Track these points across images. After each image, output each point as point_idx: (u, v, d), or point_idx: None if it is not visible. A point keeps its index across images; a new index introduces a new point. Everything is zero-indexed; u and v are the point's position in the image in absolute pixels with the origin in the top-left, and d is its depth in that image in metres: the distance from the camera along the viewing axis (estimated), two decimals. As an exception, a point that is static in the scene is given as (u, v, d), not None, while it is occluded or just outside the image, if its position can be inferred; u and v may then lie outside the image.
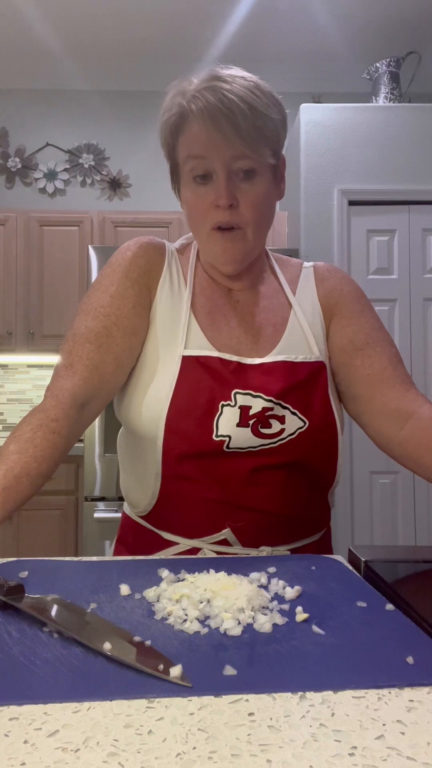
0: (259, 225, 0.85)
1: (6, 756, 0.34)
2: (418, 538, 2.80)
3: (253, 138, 0.79)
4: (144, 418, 0.84)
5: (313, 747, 0.35)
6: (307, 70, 3.39)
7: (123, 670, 0.44)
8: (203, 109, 0.78)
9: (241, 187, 0.82)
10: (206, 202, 0.83)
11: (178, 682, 0.42)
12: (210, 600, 0.55)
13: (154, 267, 0.89)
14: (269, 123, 0.81)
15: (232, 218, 0.82)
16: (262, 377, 0.85)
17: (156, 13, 2.93)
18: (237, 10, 2.91)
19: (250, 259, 0.89)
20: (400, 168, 2.84)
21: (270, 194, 0.86)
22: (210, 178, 0.82)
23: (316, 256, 2.83)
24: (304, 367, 0.88)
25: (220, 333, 0.88)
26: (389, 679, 0.43)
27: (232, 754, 0.34)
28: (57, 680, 0.42)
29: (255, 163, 0.81)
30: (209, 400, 0.83)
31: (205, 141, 0.80)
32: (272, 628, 0.51)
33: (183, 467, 0.83)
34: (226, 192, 0.81)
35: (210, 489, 0.84)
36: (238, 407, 0.83)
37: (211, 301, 0.91)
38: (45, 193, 3.58)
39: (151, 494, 0.87)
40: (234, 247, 0.85)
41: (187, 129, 0.82)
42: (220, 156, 0.80)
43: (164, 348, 0.86)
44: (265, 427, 0.84)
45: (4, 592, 0.54)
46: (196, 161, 0.82)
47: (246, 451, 0.83)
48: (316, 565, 0.71)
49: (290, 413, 0.84)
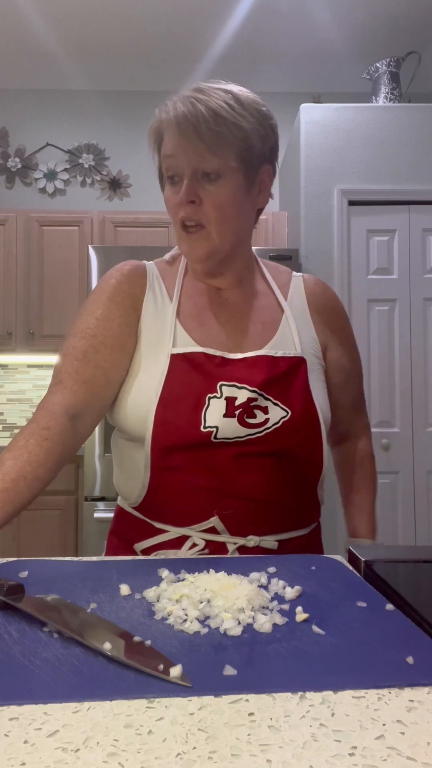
0: (222, 225, 0.88)
1: (6, 756, 0.34)
2: (418, 538, 2.80)
3: (213, 142, 0.84)
4: (134, 416, 0.88)
5: (313, 747, 0.35)
6: (307, 70, 3.39)
7: (123, 670, 0.44)
8: (172, 118, 0.86)
9: (205, 187, 0.87)
10: (175, 200, 0.88)
11: (178, 682, 0.42)
12: (210, 600, 0.55)
13: (137, 290, 0.95)
14: (234, 130, 0.86)
15: (194, 215, 0.87)
16: (245, 370, 0.90)
17: (156, 13, 2.93)
18: (237, 11, 2.91)
19: (217, 258, 0.92)
20: (400, 168, 2.84)
21: (237, 198, 0.90)
22: (180, 178, 0.88)
23: (316, 256, 2.83)
24: (284, 362, 0.93)
25: (209, 331, 0.93)
26: (389, 679, 0.43)
27: (232, 754, 0.34)
28: (57, 680, 0.42)
29: (218, 166, 0.86)
30: (197, 393, 0.87)
31: (175, 144, 0.87)
32: (272, 628, 0.51)
33: (172, 459, 0.87)
34: (186, 189, 0.86)
35: (198, 477, 0.87)
36: (224, 398, 0.87)
37: (198, 305, 0.96)
38: (45, 193, 3.58)
39: (141, 485, 0.90)
40: (198, 246, 0.89)
41: (166, 135, 0.89)
42: (185, 157, 0.86)
43: (151, 353, 0.91)
44: (251, 417, 0.88)
45: (4, 592, 0.54)
46: (168, 161, 0.88)
47: (232, 441, 0.87)
48: (316, 565, 0.71)
49: (272, 404, 0.89)
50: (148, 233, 3.11)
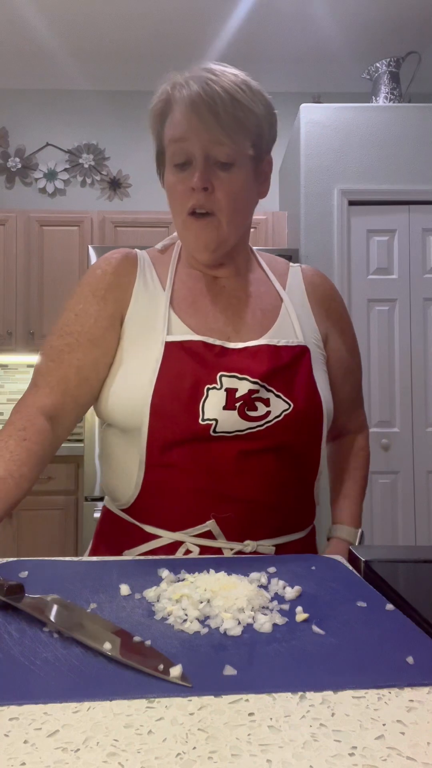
0: (233, 214, 0.86)
1: (6, 756, 0.34)
2: (418, 538, 2.80)
3: (231, 127, 0.81)
4: (127, 407, 0.84)
5: (313, 747, 0.35)
6: (307, 70, 3.39)
7: (123, 670, 0.44)
8: (186, 97, 0.81)
9: (218, 175, 0.83)
10: (184, 186, 0.84)
11: (178, 682, 0.42)
12: (210, 600, 0.55)
13: (124, 280, 0.90)
14: (251, 116, 0.83)
15: (206, 203, 0.83)
16: (246, 360, 0.86)
17: (156, 14, 2.93)
18: (237, 11, 2.91)
19: (225, 249, 0.89)
20: (400, 168, 2.84)
21: (248, 188, 0.87)
22: (189, 163, 0.84)
23: (316, 256, 2.83)
24: (287, 351, 0.89)
25: (205, 318, 0.89)
26: (389, 679, 0.43)
27: (232, 754, 0.34)
28: (57, 680, 0.42)
29: (233, 152, 0.83)
30: (194, 384, 0.83)
31: (186, 126, 0.82)
32: (272, 628, 0.51)
33: (168, 454, 0.83)
34: (200, 175, 0.82)
35: (195, 477, 0.83)
36: (224, 390, 0.83)
37: (193, 293, 0.92)
38: (45, 193, 3.58)
39: (134, 485, 0.86)
40: (207, 234, 0.85)
41: (171, 115, 0.84)
42: (198, 141, 0.82)
43: (143, 342, 0.86)
44: (251, 410, 0.84)
45: (4, 592, 0.54)
46: (177, 146, 0.83)
47: (233, 436, 0.83)
48: (316, 565, 0.70)
49: (274, 396, 0.85)
50: (148, 233, 3.11)
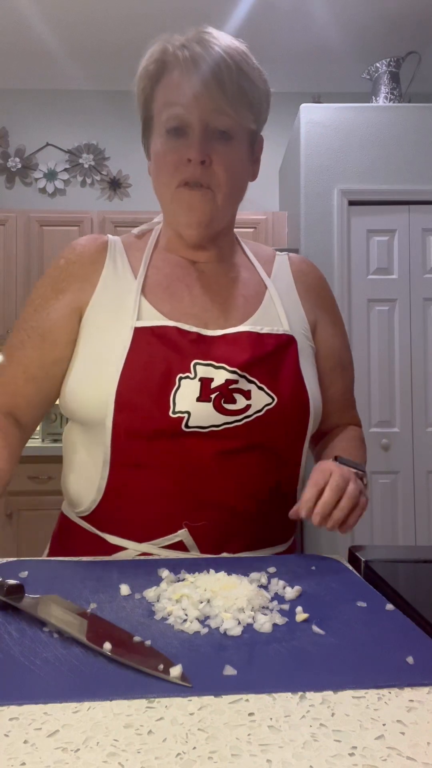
0: (230, 191, 0.80)
1: (6, 756, 0.34)
2: (418, 538, 2.80)
3: (236, 96, 0.75)
4: (90, 398, 0.77)
5: (313, 747, 0.35)
6: (307, 70, 3.39)
7: (123, 670, 0.44)
8: (188, 58, 0.74)
9: (216, 147, 0.77)
10: (177, 156, 0.77)
11: (178, 682, 0.42)
12: (210, 600, 0.55)
13: (88, 269, 0.84)
14: (254, 89, 0.78)
15: (202, 176, 0.77)
16: (225, 347, 0.79)
17: (156, 13, 2.93)
18: (237, 11, 2.91)
19: (216, 228, 0.83)
20: (400, 168, 2.84)
21: (244, 164, 0.82)
22: (184, 131, 0.77)
23: (316, 256, 2.82)
24: (271, 339, 0.81)
25: (180, 304, 0.82)
26: (389, 679, 0.43)
27: (232, 754, 0.34)
28: (57, 680, 0.42)
29: (234, 124, 0.77)
30: (165, 372, 0.75)
31: (186, 90, 0.75)
32: (272, 628, 0.51)
33: (135, 451, 0.76)
34: (199, 146, 0.76)
35: (166, 478, 0.76)
36: (198, 379, 0.76)
37: (169, 278, 0.85)
38: (45, 193, 3.58)
39: (97, 487, 0.79)
40: (201, 207, 0.79)
41: (168, 77, 0.77)
42: (198, 107, 0.75)
43: (110, 329, 0.79)
44: (229, 403, 0.76)
45: (4, 592, 0.54)
46: (172, 110, 0.77)
47: (208, 431, 0.75)
48: (317, 565, 0.70)
49: (257, 388, 0.77)
50: (148, 233, 3.11)
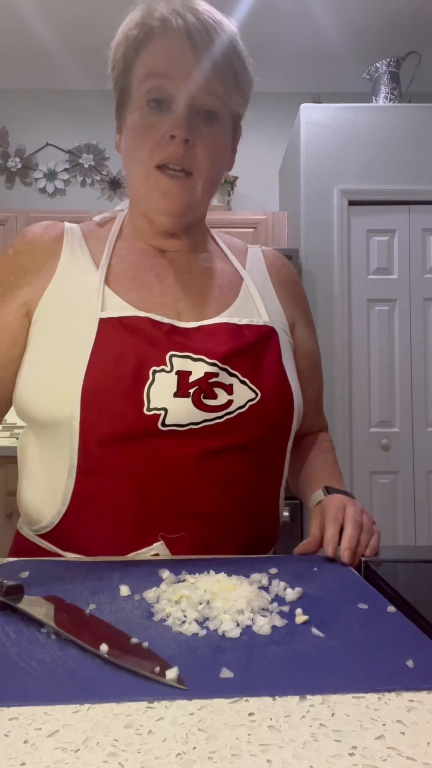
0: (210, 179, 0.74)
1: (6, 756, 0.34)
2: (418, 538, 2.80)
3: (227, 76, 0.70)
4: (52, 397, 0.69)
5: (313, 747, 0.35)
6: (307, 70, 3.39)
7: (119, 673, 0.44)
8: (182, 26, 0.68)
9: (200, 128, 0.71)
10: (157, 132, 0.70)
11: (174, 684, 0.42)
12: (209, 601, 0.55)
13: (40, 257, 0.78)
14: (244, 71, 0.73)
15: (184, 157, 0.70)
16: (202, 339, 0.73)
17: (156, 13, 2.93)
18: (237, 10, 2.91)
19: (191, 218, 0.77)
20: (400, 168, 2.84)
21: (226, 151, 0.77)
22: (167, 105, 0.71)
23: (316, 256, 2.82)
24: (252, 331, 0.76)
25: (149, 293, 0.76)
26: (387, 683, 0.43)
27: (232, 754, 0.34)
28: (52, 682, 0.42)
29: (221, 105, 0.72)
30: (137, 366, 0.69)
31: (175, 61, 0.69)
32: (271, 630, 0.51)
33: (106, 455, 0.68)
34: (185, 122, 0.69)
35: (139, 485, 0.68)
36: (174, 373, 0.69)
37: (135, 267, 0.78)
38: (45, 193, 3.58)
39: (60, 500, 0.71)
40: (178, 195, 0.72)
41: (154, 44, 0.71)
42: (186, 81, 0.69)
43: (71, 321, 0.72)
44: (209, 398, 0.70)
45: (3, 593, 0.54)
46: (156, 81, 0.70)
47: (186, 430, 0.69)
48: (319, 566, 0.70)
49: (239, 382, 0.72)
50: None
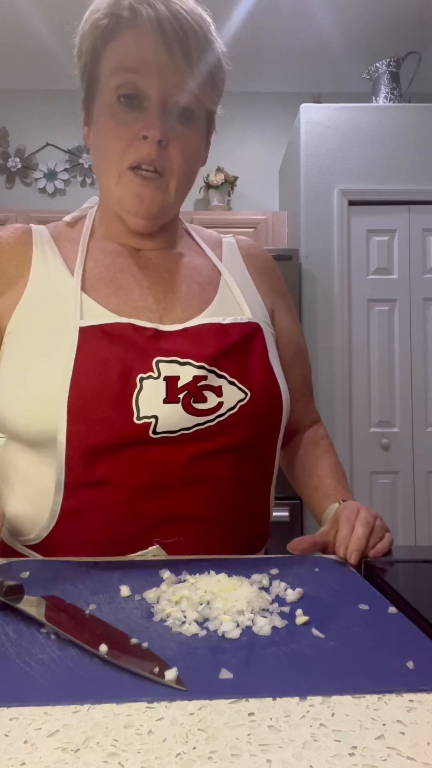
0: (183, 180, 0.72)
1: (6, 756, 0.34)
2: (418, 538, 2.80)
3: (202, 71, 0.67)
4: (35, 413, 0.67)
5: (313, 747, 0.35)
6: (307, 70, 3.39)
7: (119, 673, 0.44)
8: (153, 18, 0.64)
9: (174, 127, 0.69)
10: (129, 131, 0.68)
11: (173, 685, 0.41)
12: (210, 602, 0.55)
13: (9, 265, 0.75)
14: (219, 65, 0.70)
15: (157, 158, 0.68)
16: (187, 342, 0.71)
17: (156, 13, 2.93)
18: (237, 10, 2.91)
19: (164, 218, 0.76)
20: (400, 168, 2.84)
21: (200, 149, 0.75)
22: (139, 103, 0.68)
23: (316, 256, 2.82)
24: (236, 329, 0.74)
25: (128, 297, 0.74)
26: (387, 684, 0.42)
27: (232, 754, 0.34)
28: (51, 683, 0.42)
29: (195, 102, 0.69)
30: (123, 374, 0.67)
31: (146, 53, 0.65)
32: (271, 631, 0.50)
33: (96, 469, 0.67)
34: (159, 122, 0.66)
35: (133, 494, 0.67)
36: (162, 379, 0.68)
37: (111, 270, 0.76)
38: (45, 193, 3.58)
39: (48, 515, 0.69)
40: (152, 196, 0.71)
41: (124, 36, 0.66)
42: (159, 77, 0.66)
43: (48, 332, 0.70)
44: (199, 402, 0.69)
45: (3, 593, 0.54)
46: (127, 76, 0.67)
47: (178, 436, 0.68)
48: (320, 566, 0.70)
49: (227, 383, 0.71)
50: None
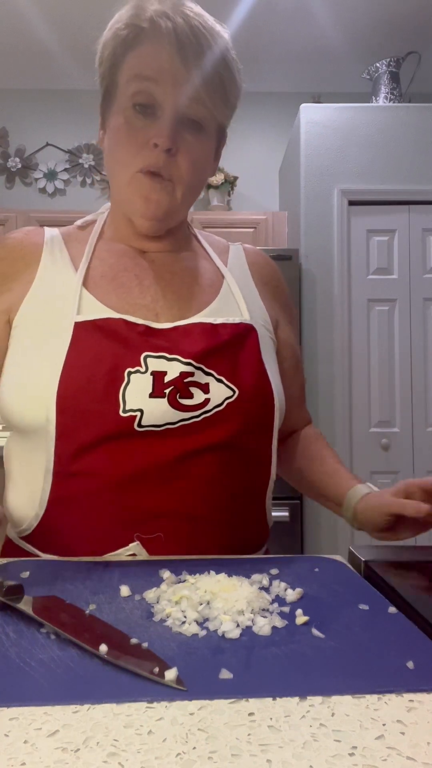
0: (190, 187, 0.76)
1: (6, 756, 0.34)
2: (418, 538, 2.80)
3: (215, 86, 0.71)
4: (27, 402, 0.71)
5: (313, 747, 0.35)
6: (307, 70, 3.39)
7: (118, 673, 0.44)
8: (171, 30, 0.68)
9: (185, 136, 0.72)
10: (141, 138, 0.72)
11: (173, 685, 0.41)
12: (210, 602, 0.55)
13: (19, 264, 0.79)
14: (233, 82, 0.73)
15: (166, 166, 0.72)
16: (176, 339, 0.74)
17: (156, 13, 2.93)
18: (237, 10, 2.91)
19: (171, 222, 0.79)
20: (400, 168, 2.84)
21: (209, 159, 0.78)
22: (153, 111, 0.72)
23: (316, 256, 2.82)
24: (226, 329, 0.76)
25: (128, 295, 0.77)
26: (387, 684, 0.43)
27: (232, 754, 0.34)
28: (51, 683, 0.42)
29: (207, 115, 0.73)
30: (112, 368, 0.70)
31: (162, 64, 0.69)
32: (271, 631, 0.51)
33: (82, 458, 0.70)
34: (169, 131, 0.70)
35: (115, 486, 0.69)
36: (150, 373, 0.70)
37: (114, 269, 0.80)
38: (45, 193, 3.58)
39: (38, 502, 0.72)
40: (158, 200, 0.74)
41: (143, 46, 0.71)
42: (174, 90, 0.70)
43: (48, 326, 0.74)
44: (185, 397, 0.70)
45: (3, 593, 0.54)
46: (143, 85, 0.71)
47: (163, 430, 0.70)
48: (320, 566, 0.70)
49: (215, 380, 0.72)
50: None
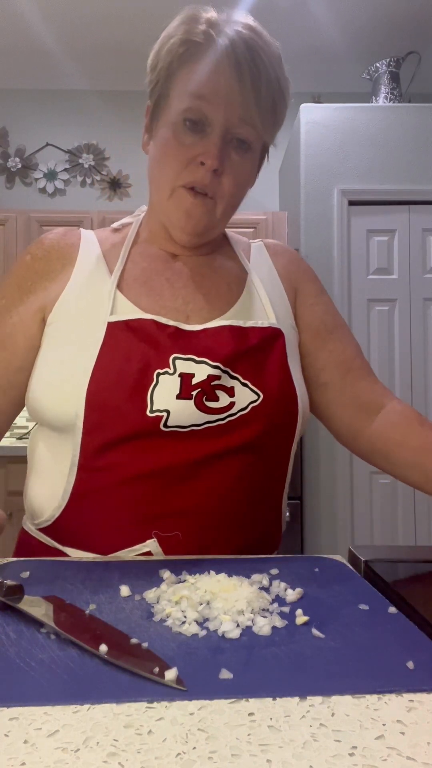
0: (231, 204, 0.78)
1: (6, 756, 0.34)
2: (418, 538, 2.80)
3: (267, 110, 0.72)
4: (58, 398, 0.73)
5: (313, 747, 0.35)
6: (307, 70, 3.39)
7: (119, 673, 0.44)
8: (230, 49, 0.69)
9: (231, 156, 0.74)
10: (189, 154, 0.73)
11: (173, 685, 0.41)
12: (210, 602, 0.55)
13: (56, 264, 0.81)
14: (283, 105, 0.75)
15: (210, 184, 0.74)
16: (206, 341, 0.75)
17: (156, 13, 2.92)
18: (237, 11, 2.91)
19: (209, 237, 0.81)
20: (400, 168, 2.84)
21: (251, 179, 0.81)
22: (202, 128, 0.73)
23: (316, 256, 2.83)
24: (255, 333, 0.77)
25: (160, 297, 0.79)
26: (388, 684, 0.42)
27: (232, 754, 0.34)
28: (51, 683, 0.42)
29: (255, 137, 0.74)
30: (142, 368, 0.71)
31: (218, 84, 0.70)
32: (271, 631, 0.50)
33: (108, 454, 0.71)
34: (217, 151, 0.72)
35: (137, 483, 0.71)
36: (178, 375, 0.71)
37: (147, 272, 0.81)
38: (45, 193, 3.58)
39: (61, 494, 0.74)
40: (200, 215, 0.76)
41: (198, 63, 0.72)
42: (227, 111, 0.71)
43: (82, 325, 0.75)
44: (212, 400, 0.72)
45: (3, 593, 0.54)
46: (196, 102, 0.72)
47: (188, 431, 0.71)
48: (320, 566, 0.70)
49: (240, 384, 0.73)
50: (148, 233, 3.11)
